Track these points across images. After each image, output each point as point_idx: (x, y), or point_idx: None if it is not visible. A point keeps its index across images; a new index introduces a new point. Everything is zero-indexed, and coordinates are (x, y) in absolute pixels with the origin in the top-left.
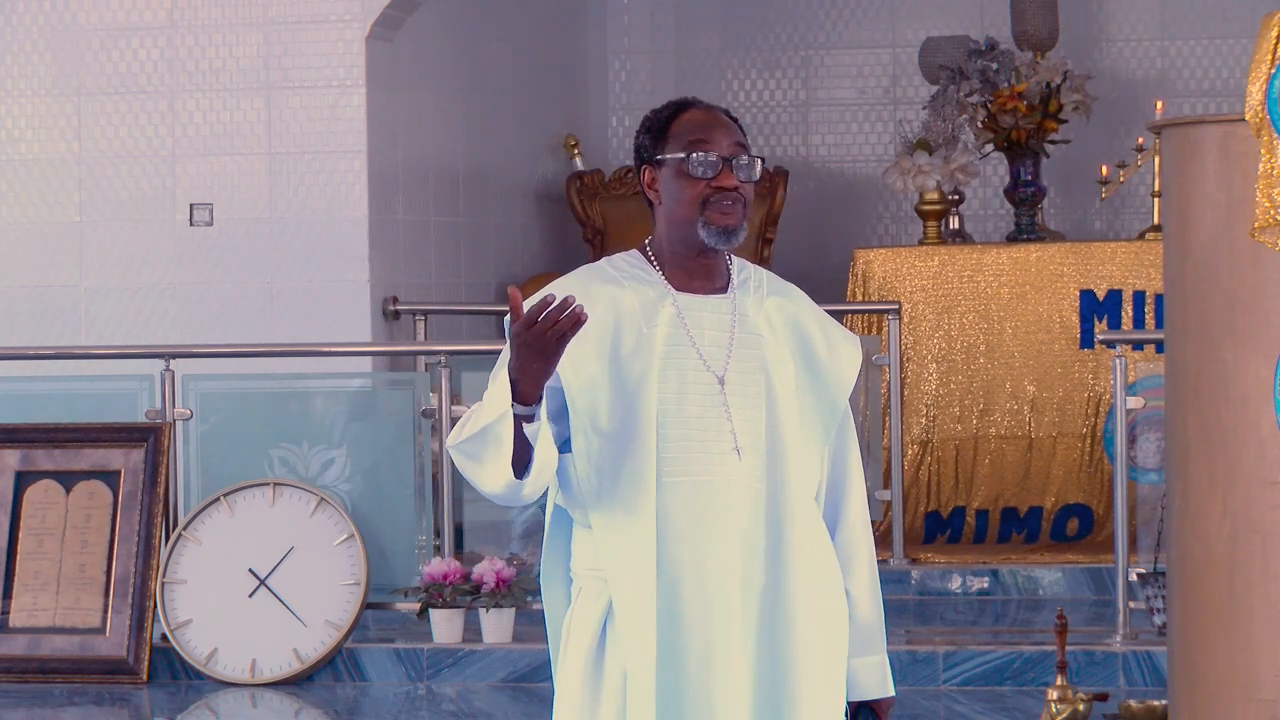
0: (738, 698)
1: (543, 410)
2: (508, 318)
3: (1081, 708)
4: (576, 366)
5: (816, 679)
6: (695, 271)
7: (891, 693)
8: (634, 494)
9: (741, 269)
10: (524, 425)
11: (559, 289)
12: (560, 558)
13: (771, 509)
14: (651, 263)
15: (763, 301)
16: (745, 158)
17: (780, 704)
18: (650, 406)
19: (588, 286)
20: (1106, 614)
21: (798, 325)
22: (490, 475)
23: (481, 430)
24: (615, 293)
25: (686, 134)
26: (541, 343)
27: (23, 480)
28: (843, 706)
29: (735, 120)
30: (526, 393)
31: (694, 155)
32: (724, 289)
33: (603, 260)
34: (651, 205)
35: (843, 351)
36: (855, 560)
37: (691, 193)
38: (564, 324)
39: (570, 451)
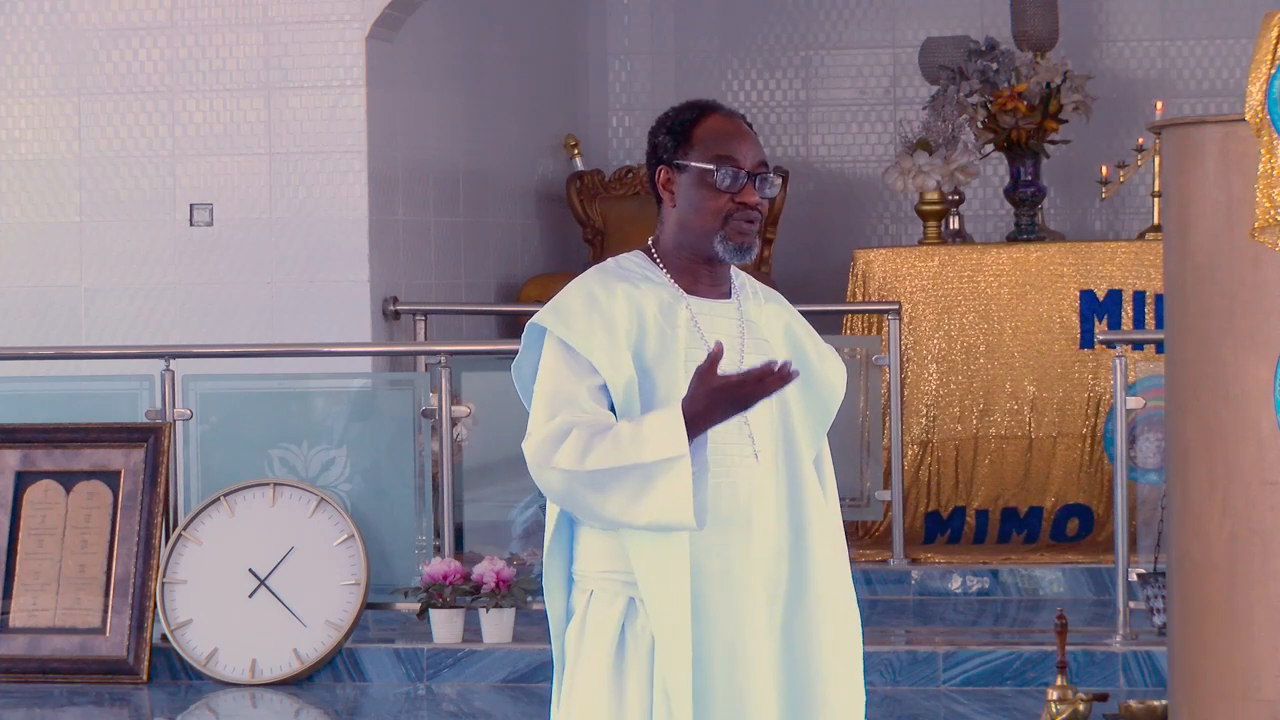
0: (766, 697)
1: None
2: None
3: (1081, 708)
4: (617, 367)
5: (840, 677)
6: (701, 276)
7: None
8: (696, 502)
9: (737, 275)
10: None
11: (584, 290)
12: (556, 559)
13: (793, 510)
14: (657, 264)
15: (761, 307)
16: (768, 175)
17: (806, 702)
18: None
19: (610, 286)
20: (1106, 614)
21: (791, 332)
22: (627, 509)
23: (632, 466)
24: (633, 292)
25: (712, 144)
26: (748, 399)
27: (23, 480)
28: (863, 703)
29: (751, 128)
30: (699, 433)
31: (720, 170)
32: (728, 294)
33: (610, 261)
34: (660, 203)
35: (830, 361)
36: None
37: (714, 205)
38: (778, 386)
39: None
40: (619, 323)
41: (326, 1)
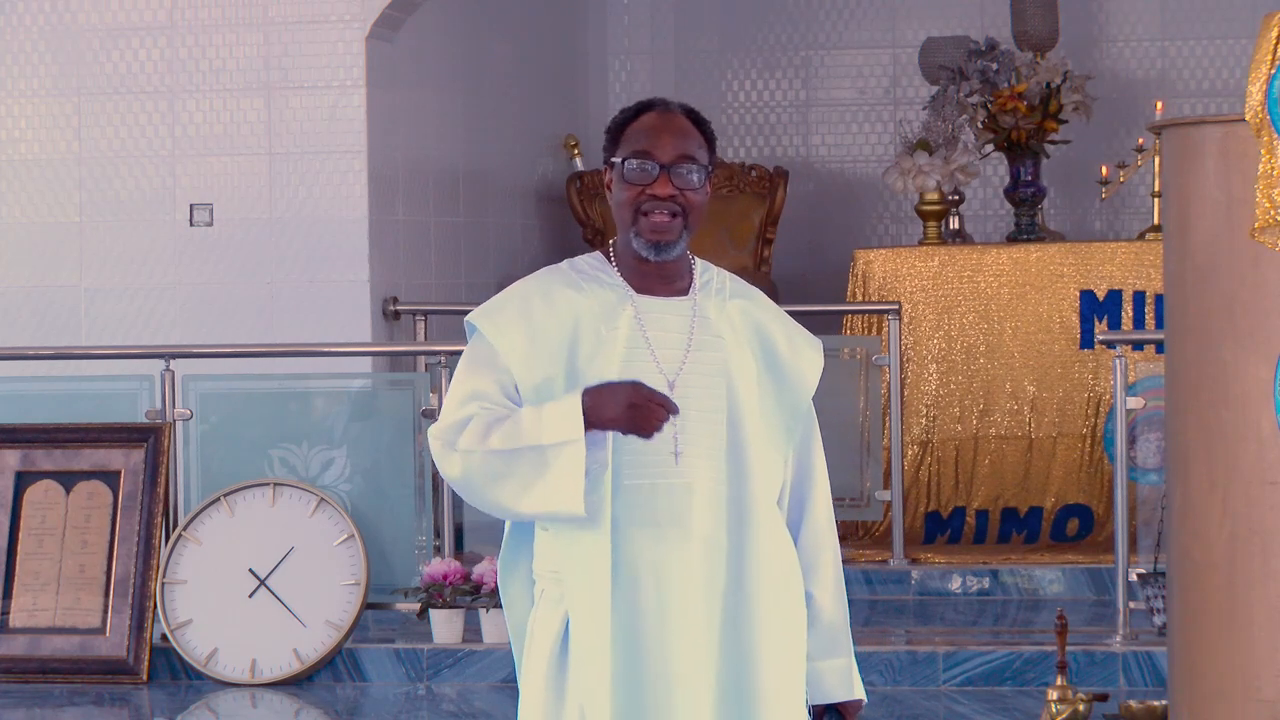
0: (699, 700)
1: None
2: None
3: (1081, 708)
4: (529, 367)
5: (780, 681)
6: (651, 274)
7: (858, 695)
8: (589, 498)
9: (704, 271)
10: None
11: (521, 292)
12: (520, 558)
13: (734, 511)
14: (612, 264)
15: (725, 304)
16: (687, 167)
17: (744, 706)
18: None
19: (549, 291)
20: (1106, 614)
21: (760, 328)
22: (520, 495)
23: (528, 449)
24: (575, 297)
25: (634, 140)
26: (643, 417)
27: (23, 480)
28: (804, 708)
29: (701, 124)
30: (596, 426)
31: (628, 161)
32: (685, 291)
33: (565, 262)
34: None
35: (805, 354)
36: (819, 562)
37: (627, 197)
38: (659, 423)
39: None
40: (549, 325)
41: (326, 1)
